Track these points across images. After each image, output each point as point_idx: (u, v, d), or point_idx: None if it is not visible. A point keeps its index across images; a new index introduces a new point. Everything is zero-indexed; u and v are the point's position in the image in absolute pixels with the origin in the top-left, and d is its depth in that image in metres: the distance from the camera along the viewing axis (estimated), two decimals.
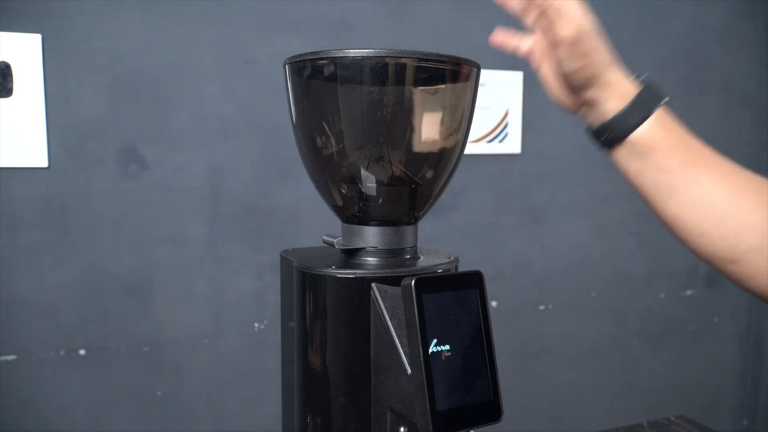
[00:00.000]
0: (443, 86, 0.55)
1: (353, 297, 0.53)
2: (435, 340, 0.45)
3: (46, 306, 1.21)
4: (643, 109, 0.55)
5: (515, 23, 0.58)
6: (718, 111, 1.78)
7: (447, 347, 0.46)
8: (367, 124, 0.53)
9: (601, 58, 0.54)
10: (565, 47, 0.52)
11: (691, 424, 1.17)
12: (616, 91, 0.55)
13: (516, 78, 1.52)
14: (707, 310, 1.85)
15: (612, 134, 0.55)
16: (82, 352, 1.24)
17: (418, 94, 0.55)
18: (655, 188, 0.56)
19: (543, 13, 0.52)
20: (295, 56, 0.55)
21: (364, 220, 0.57)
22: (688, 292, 1.82)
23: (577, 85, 0.55)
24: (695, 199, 0.55)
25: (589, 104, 0.56)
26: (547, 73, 0.58)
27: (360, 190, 0.56)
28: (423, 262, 0.58)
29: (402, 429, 0.50)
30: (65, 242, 1.21)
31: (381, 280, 0.52)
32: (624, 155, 0.56)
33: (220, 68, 1.28)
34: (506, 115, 1.54)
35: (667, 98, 0.56)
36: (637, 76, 0.57)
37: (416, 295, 0.45)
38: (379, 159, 0.54)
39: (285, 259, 0.60)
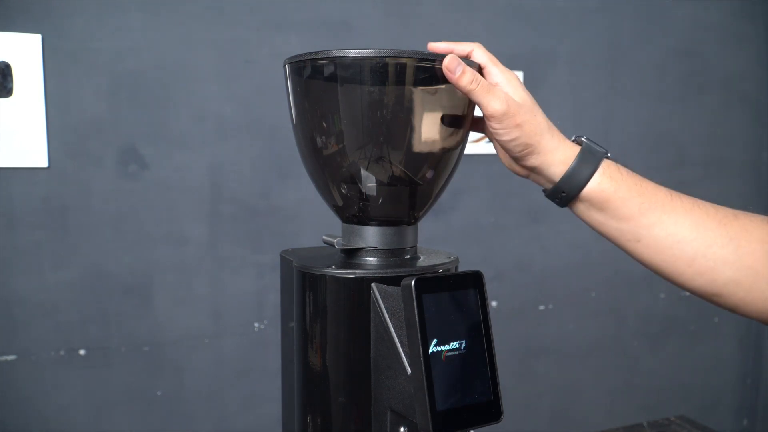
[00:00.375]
0: (443, 86, 0.55)
1: (353, 297, 0.53)
2: (435, 340, 0.45)
3: (46, 306, 1.21)
4: (588, 165, 0.56)
5: (515, 23, 0.58)
6: (718, 111, 1.78)
7: (447, 347, 0.46)
8: (367, 124, 0.53)
9: (534, 128, 0.56)
10: (495, 121, 0.55)
11: (691, 424, 1.17)
12: (557, 156, 0.57)
13: None
14: (707, 310, 1.85)
15: (565, 195, 0.58)
16: (82, 352, 1.24)
17: (418, 94, 0.55)
18: (621, 235, 0.58)
19: (471, 93, 0.54)
20: (295, 56, 0.55)
21: (364, 220, 0.57)
22: (688, 292, 1.82)
23: (517, 156, 0.58)
24: (661, 240, 0.56)
25: (535, 171, 0.59)
26: (496, 143, 0.61)
27: (360, 190, 0.56)
28: (423, 262, 0.58)
29: (402, 429, 0.50)
30: (65, 242, 1.21)
31: (381, 280, 0.52)
32: (583, 210, 0.59)
33: (220, 68, 1.28)
34: None
35: (608, 153, 0.58)
36: (576, 138, 0.59)
37: (416, 295, 0.45)
38: (379, 159, 0.54)
39: (285, 259, 0.60)
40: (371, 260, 0.57)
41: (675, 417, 1.21)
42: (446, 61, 0.52)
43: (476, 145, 1.52)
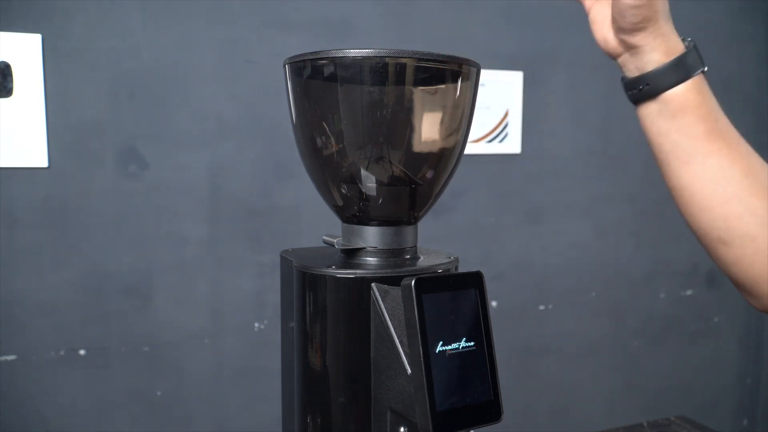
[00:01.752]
0: (443, 86, 0.55)
1: (353, 297, 0.52)
2: (435, 340, 0.45)
3: (46, 306, 1.21)
4: (684, 69, 0.55)
5: (515, 23, 0.59)
6: None
7: (447, 347, 0.46)
8: (367, 124, 0.53)
9: (661, 5, 0.55)
10: (621, 6, 0.53)
11: (691, 424, 1.17)
12: (664, 44, 0.55)
13: (516, 78, 1.52)
14: (707, 310, 1.85)
15: (649, 87, 0.55)
16: (82, 352, 1.24)
17: (418, 94, 0.55)
18: (675, 152, 0.56)
19: None
20: (295, 56, 0.55)
21: (364, 220, 0.57)
22: (688, 292, 1.82)
23: (629, 26, 0.54)
24: (711, 171, 0.55)
25: (634, 50, 0.56)
26: (599, 12, 0.58)
27: (360, 190, 0.56)
28: (423, 262, 0.58)
29: (402, 429, 0.50)
30: (65, 242, 1.21)
31: (381, 280, 0.52)
32: (652, 112, 0.56)
33: (220, 68, 1.28)
34: (506, 115, 1.54)
35: (706, 68, 0.56)
36: (685, 39, 0.57)
37: (416, 295, 0.45)
38: (379, 159, 0.54)
39: (285, 259, 0.60)
40: (371, 260, 0.57)
41: (675, 417, 1.21)
42: None
43: (476, 145, 1.52)
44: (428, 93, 0.56)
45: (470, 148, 1.51)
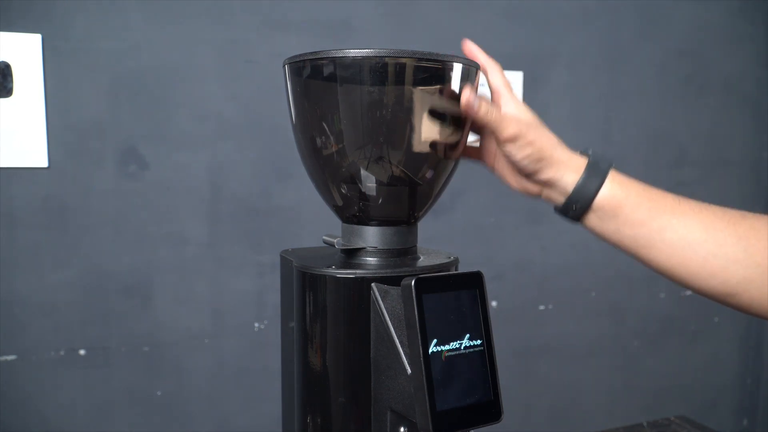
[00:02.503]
0: (443, 86, 0.55)
1: (353, 297, 0.53)
2: (435, 340, 0.45)
3: (46, 306, 1.21)
4: (598, 174, 0.59)
5: (515, 23, 0.59)
6: (718, 111, 1.78)
7: (447, 347, 0.46)
8: (366, 124, 0.53)
9: (545, 142, 0.59)
10: (510, 143, 0.58)
11: (691, 424, 1.17)
12: (569, 167, 0.59)
13: (516, 78, 1.52)
14: (707, 310, 1.85)
15: (579, 204, 0.60)
16: (82, 352, 1.24)
17: (418, 94, 0.55)
18: (634, 243, 0.59)
19: (485, 125, 0.57)
20: (295, 56, 0.55)
21: (364, 220, 0.57)
22: (688, 292, 1.82)
23: (531, 172, 0.60)
24: (673, 244, 0.58)
25: (548, 185, 0.61)
26: (502, 167, 0.64)
27: (360, 190, 0.56)
28: (423, 262, 0.58)
29: (402, 429, 0.50)
30: (65, 242, 1.21)
31: (381, 280, 0.52)
32: (596, 220, 0.60)
33: (220, 68, 1.28)
34: None
35: (613, 162, 0.60)
36: (582, 151, 0.61)
37: (416, 295, 0.45)
38: (379, 159, 0.54)
39: (285, 259, 0.60)
40: (371, 260, 0.57)
41: (675, 417, 1.21)
42: (465, 98, 0.55)
43: (476, 145, 1.52)
44: (428, 93, 0.56)
45: None
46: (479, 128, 0.64)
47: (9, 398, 1.20)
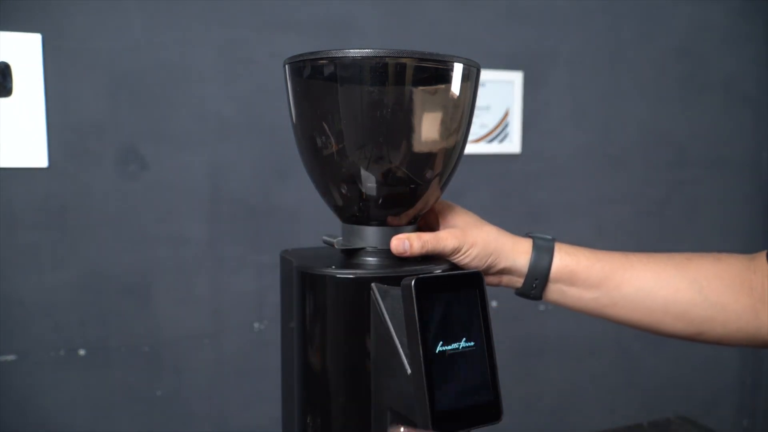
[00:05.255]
0: (443, 86, 0.55)
1: (353, 297, 0.53)
2: (435, 340, 0.45)
3: (46, 306, 1.21)
4: (546, 250, 0.63)
5: (515, 23, 0.59)
6: (718, 111, 1.78)
7: (447, 347, 0.46)
8: (367, 124, 0.53)
9: (488, 237, 0.63)
10: (456, 254, 0.61)
11: (691, 424, 1.17)
12: (518, 251, 0.63)
13: (516, 78, 1.52)
14: None
15: (537, 281, 0.63)
16: (82, 352, 1.24)
17: (418, 94, 0.55)
18: (597, 304, 0.63)
19: (427, 252, 0.59)
20: (295, 56, 0.55)
21: (364, 220, 0.57)
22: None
23: (487, 268, 0.63)
24: (633, 297, 0.62)
25: (505, 273, 0.64)
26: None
27: (360, 190, 0.56)
28: (423, 262, 0.58)
29: (402, 429, 0.50)
30: (65, 242, 1.21)
31: (381, 280, 0.52)
32: (557, 293, 0.64)
33: (220, 68, 1.28)
34: (506, 115, 1.54)
35: (555, 237, 0.65)
36: (526, 234, 0.66)
37: (416, 295, 0.45)
38: (379, 159, 0.54)
39: (285, 259, 0.60)
40: (371, 260, 0.57)
41: (675, 417, 1.21)
42: (393, 246, 0.56)
43: (476, 145, 1.52)
44: (428, 93, 0.56)
45: (470, 148, 1.51)
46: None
47: (9, 398, 1.20)
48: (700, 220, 1.78)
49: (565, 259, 0.63)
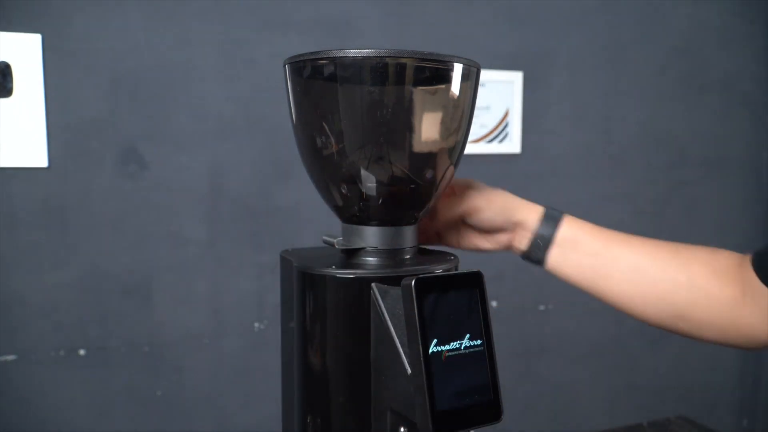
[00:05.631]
0: (443, 86, 0.55)
1: (353, 297, 0.52)
2: (435, 340, 0.45)
3: (46, 306, 1.21)
4: (555, 216, 0.68)
5: (515, 23, 0.59)
6: (718, 111, 1.78)
7: (447, 347, 0.46)
8: (367, 124, 0.53)
9: (500, 194, 0.69)
10: (474, 212, 0.68)
11: (691, 424, 1.17)
12: (531, 209, 0.68)
13: (516, 78, 1.52)
14: None
15: (544, 240, 0.67)
16: (82, 352, 1.24)
17: (418, 94, 0.55)
18: (593, 273, 0.67)
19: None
20: (295, 56, 0.55)
21: (364, 220, 0.57)
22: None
23: (502, 221, 0.68)
24: (626, 271, 0.65)
25: (517, 227, 0.68)
26: (470, 239, 0.72)
27: (360, 190, 0.55)
28: (423, 262, 0.58)
29: (402, 429, 0.50)
30: (65, 242, 1.21)
31: (381, 280, 0.52)
32: (559, 256, 0.67)
33: (220, 68, 1.28)
34: (506, 115, 1.54)
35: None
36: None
37: (416, 295, 0.45)
38: (379, 159, 0.54)
39: (285, 259, 0.60)
40: (371, 260, 0.57)
41: (675, 417, 1.21)
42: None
43: (476, 145, 1.52)
44: (428, 93, 0.56)
45: (470, 148, 1.51)
46: (440, 233, 0.72)
47: (9, 398, 1.20)
48: (700, 220, 1.78)
49: (572, 225, 0.67)
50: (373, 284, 0.52)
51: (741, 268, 0.63)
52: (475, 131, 1.51)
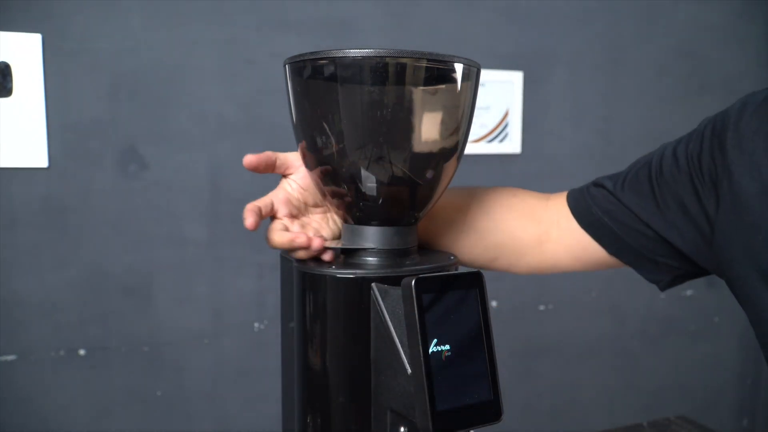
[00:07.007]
0: (443, 86, 0.55)
1: (353, 297, 0.52)
2: (435, 340, 0.45)
3: (46, 306, 1.21)
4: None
5: (515, 23, 0.59)
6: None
7: (447, 347, 0.46)
8: (367, 124, 0.53)
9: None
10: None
11: (691, 424, 1.17)
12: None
13: (516, 78, 1.52)
14: (707, 310, 1.85)
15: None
16: (82, 352, 1.24)
17: (418, 94, 0.55)
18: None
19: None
20: (295, 56, 0.55)
21: (364, 220, 0.57)
22: (688, 292, 1.82)
23: None
24: (445, 219, 0.70)
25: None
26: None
27: (360, 190, 0.55)
28: (423, 262, 0.58)
29: (402, 429, 0.50)
30: (65, 242, 1.21)
31: (381, 280, 0.52)
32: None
33: (220, 68, 1.28)
34: (506, 115, 1.54)
35: None
36: None
37: (416, 295, 0.45)
38: (379, 159, 0.54)
39: (285, 259, 0.60)
40: (371, 260, 0.57)
41: (675, 417, 1.21)
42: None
43: (476, 145, 1.52)
44: (428, 93, 0.56)
45: (470, 148, 1.51)
46: None
47: (9, 398, 1.20)
48: None
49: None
50: (373, 284, 0.52)
51: (541, 208, 0.71)
52: (475, 131, 1.51)
